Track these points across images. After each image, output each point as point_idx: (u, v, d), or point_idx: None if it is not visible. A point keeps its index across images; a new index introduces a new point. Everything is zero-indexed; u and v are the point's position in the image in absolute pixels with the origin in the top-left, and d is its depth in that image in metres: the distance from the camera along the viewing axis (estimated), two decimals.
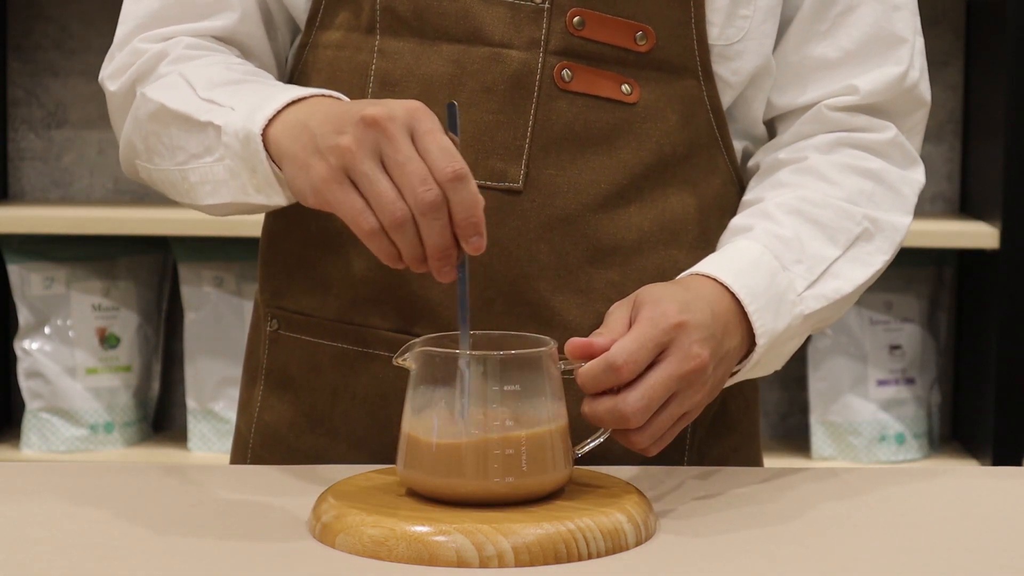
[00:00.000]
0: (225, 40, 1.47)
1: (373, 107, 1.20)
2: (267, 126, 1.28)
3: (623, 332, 1.26)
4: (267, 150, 1.28)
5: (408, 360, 1.22)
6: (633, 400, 1.24)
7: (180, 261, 2.99)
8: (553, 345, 1.24)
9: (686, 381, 1.27)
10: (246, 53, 1.48)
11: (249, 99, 1.32)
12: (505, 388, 1.20)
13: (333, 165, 1.21)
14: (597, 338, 1.25)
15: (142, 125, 1.40)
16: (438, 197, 1.19)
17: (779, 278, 1.37)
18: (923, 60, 1.50)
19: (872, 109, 1.48)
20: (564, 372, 1.24)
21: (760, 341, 1.35)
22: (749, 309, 1.34)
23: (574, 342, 1.25)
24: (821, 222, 1.42)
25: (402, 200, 1.19)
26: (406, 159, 1.19)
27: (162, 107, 1.38)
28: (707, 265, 1.37)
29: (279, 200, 1.31)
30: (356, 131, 1.20)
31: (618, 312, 1.29)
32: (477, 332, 1.26)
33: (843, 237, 1.42)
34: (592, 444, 1.27)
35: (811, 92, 1.48)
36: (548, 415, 1.21)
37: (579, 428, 1.26)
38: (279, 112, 1.28)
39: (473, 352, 1.20)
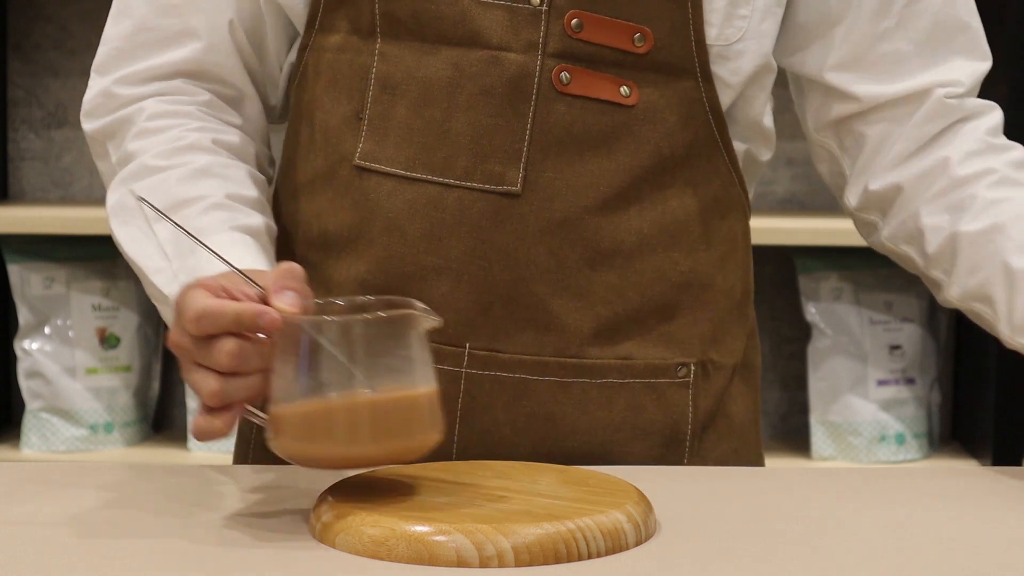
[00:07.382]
0: (194, 73, 1.49)
1: (172, 328, 1.20)
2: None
3: None
4: None
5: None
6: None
7: None
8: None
9: None
10: (218, 81, 1.49)
11: (188, 268, 1.33)
12: (371, 351, 1.19)
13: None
14: None
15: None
16: (222, 386, 1.18)
17: None
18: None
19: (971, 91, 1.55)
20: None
21: None
22: None
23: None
24: None
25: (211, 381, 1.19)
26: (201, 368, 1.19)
27: (122, 247, 1.42)
28: None
29: None
30: (176, 351, 1.21)
31: None
32: (344, 298, 1.25)
33: None
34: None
35: (898, 84, 1.51)
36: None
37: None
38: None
39: (336, 318, 1.20)
